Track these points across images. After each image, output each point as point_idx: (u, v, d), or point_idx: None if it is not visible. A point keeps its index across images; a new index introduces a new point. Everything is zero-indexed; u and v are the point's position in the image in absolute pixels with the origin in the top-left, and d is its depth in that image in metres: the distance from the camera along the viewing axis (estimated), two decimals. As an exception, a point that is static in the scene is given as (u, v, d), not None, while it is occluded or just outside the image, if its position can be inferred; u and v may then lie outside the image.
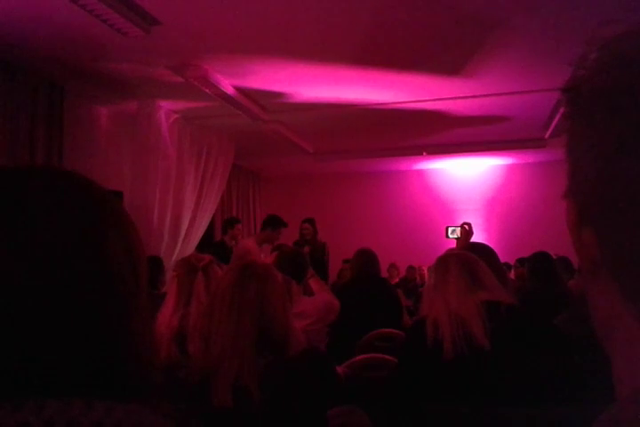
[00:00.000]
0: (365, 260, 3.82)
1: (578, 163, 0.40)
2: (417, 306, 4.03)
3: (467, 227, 3.30)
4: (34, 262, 0.50)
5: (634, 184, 0.35)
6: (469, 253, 2.01)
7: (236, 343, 1.42)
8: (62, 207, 0.53)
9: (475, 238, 3.29)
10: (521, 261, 5.51)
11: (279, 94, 5.09)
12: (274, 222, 5.05)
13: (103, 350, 0.52)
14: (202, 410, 1.35)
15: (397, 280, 7.47)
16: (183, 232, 5.81)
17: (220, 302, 1.50)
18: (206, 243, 6.08)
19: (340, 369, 2.27)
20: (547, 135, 6.45)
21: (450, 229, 5.40)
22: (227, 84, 4.69)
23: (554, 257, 3.65)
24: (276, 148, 7.01)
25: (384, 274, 5.54)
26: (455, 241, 3.73)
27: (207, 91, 4.64)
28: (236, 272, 1.57)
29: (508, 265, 5.63)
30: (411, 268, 7.80)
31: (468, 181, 8.63)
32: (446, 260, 1.94)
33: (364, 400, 1.86)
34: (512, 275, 5.79)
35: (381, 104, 5.42)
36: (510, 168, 8.50)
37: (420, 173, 8.84)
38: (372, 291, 3.62)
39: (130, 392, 0.52)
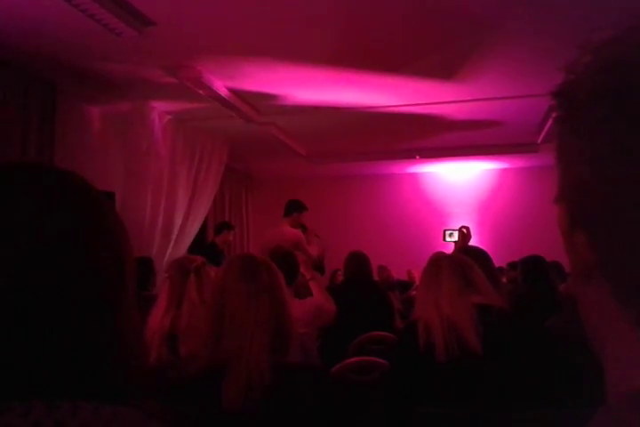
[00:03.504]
0: (357, 263, 3.82)
1: (569, 167, 0.40)
2: (407, 309, 4.03)
3: (464, 230, 3.30)
4: (18, 261, 0.49)
5: (627, 186, 0.35)
6: (462, 256, 2.00)
7: (254, 333, 1.37)
8: (49, 205, 0.53)
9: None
10: (513, 264, 5.51)
11: (273, 96, 5.08)
12: (298, 206, 4.99)
13: (89, 350, 0.51)
14: (207, 410, 1.31)
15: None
16: (175, 233, 5.80)
17: (235, 293, 1.43)
18: (198, 244, 6.07)
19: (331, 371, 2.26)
20: (539, 140, 6.47)
21: (447, 233, 5.38)
22: (220, 86, 4.68)
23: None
24: (269, 150, 7.01)
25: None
26: (453, 244, 3.74)
27: (200, 92, 4.63)
28: (243, 262, 1.52)
29: (500, 269, 5.61)
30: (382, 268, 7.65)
31: (460, 185, 8.64)
32: (438, 262, 1.92)
33: (356, 403, 1.86)
34: (504, 279, 5.78)
35: (375, 107, 5.43)
36: (503, 173, 8.52)
37: (413, 176, 8.85)
38: (363, 294, 3.62)
39: (117, 393, 0.52)
